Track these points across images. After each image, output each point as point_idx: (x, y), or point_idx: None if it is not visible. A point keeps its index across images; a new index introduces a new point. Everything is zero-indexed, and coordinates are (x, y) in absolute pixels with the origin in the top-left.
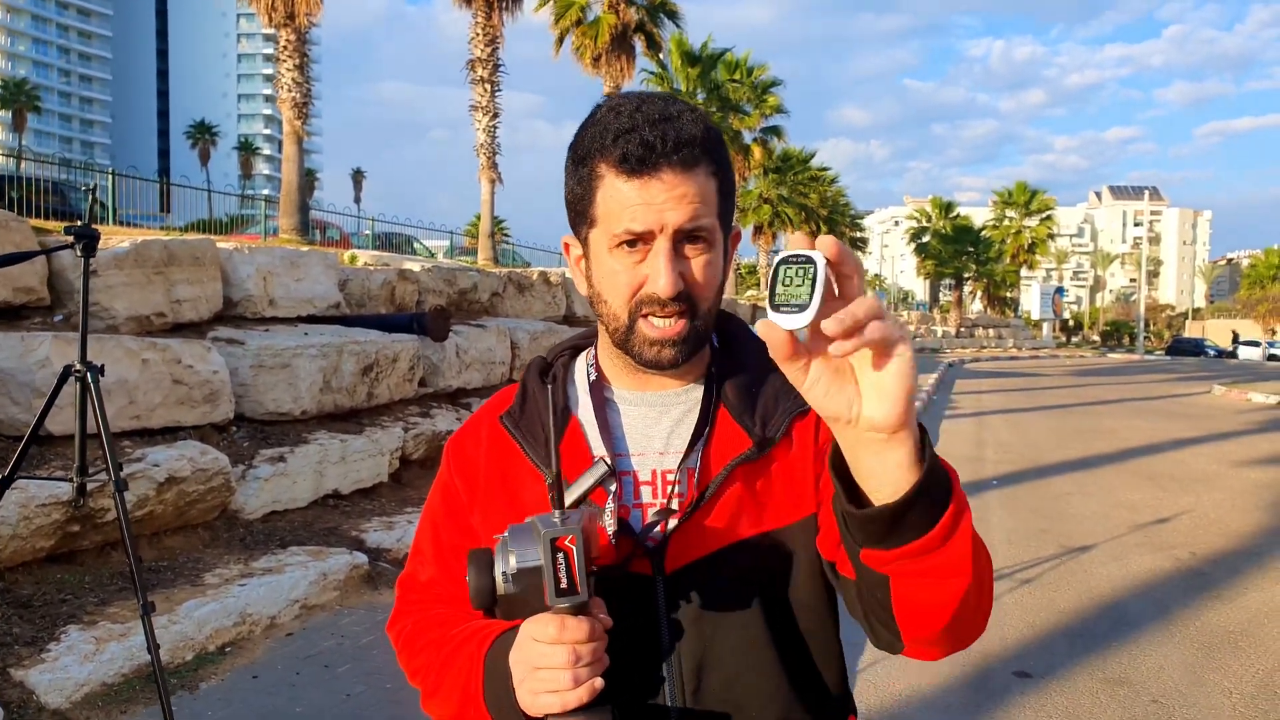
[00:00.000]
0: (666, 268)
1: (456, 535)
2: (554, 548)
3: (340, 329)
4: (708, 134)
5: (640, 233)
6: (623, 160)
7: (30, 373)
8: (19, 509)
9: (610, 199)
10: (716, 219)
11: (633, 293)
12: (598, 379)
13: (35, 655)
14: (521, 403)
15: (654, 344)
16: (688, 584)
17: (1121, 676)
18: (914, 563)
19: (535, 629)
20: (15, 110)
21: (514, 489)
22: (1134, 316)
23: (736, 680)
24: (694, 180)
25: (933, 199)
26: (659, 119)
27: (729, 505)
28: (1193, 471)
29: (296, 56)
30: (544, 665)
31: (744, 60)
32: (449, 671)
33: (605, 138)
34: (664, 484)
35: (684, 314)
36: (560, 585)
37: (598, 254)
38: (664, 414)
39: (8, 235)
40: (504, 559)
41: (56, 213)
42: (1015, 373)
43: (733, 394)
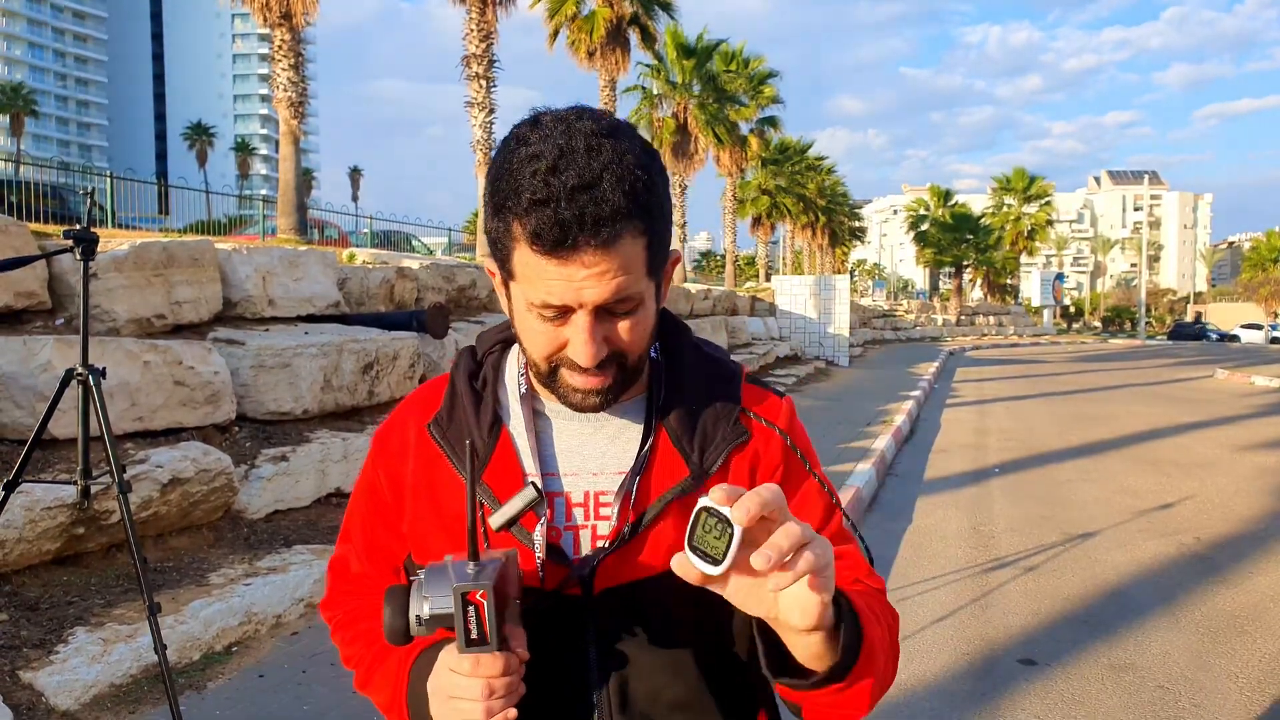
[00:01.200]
0: (587, 341)
1: (384, 534)
2: (465, 601)
3: (340, 328)
4: (634, 191)
5: (558, 307)
6: (535, 238)
7: (32, 376)
8: (24, 512)
9: (526, 267)
10: (646, 277)
11: (553, 351)
12: (529, 390)
13: (43, 657)
14: (450, 409)
15: (578, 391)
16: (616, 605)
17: (1127, 662)
18: (822, 699)
19: (451, 660)
20: (12, 115)
21: (440, 502)
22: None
23: (660, 692)
24: (617, 255)
25: (931, 187)
26: (577, 186)
27: (662, 535)
28: (1196, 456)
29: (292, 56)
30: (458, 695)
31: (739, 51)
32: (378, 669)
33: (520, 199)
34: (597, 506)
35: (608, 371)
36: (470, 636)
37: (517, 305)
38: (599, 430)
39: (7, 240)
40: (419, 603)
41: (55, 216)
42: (1016, 360)
43: (673, 416)
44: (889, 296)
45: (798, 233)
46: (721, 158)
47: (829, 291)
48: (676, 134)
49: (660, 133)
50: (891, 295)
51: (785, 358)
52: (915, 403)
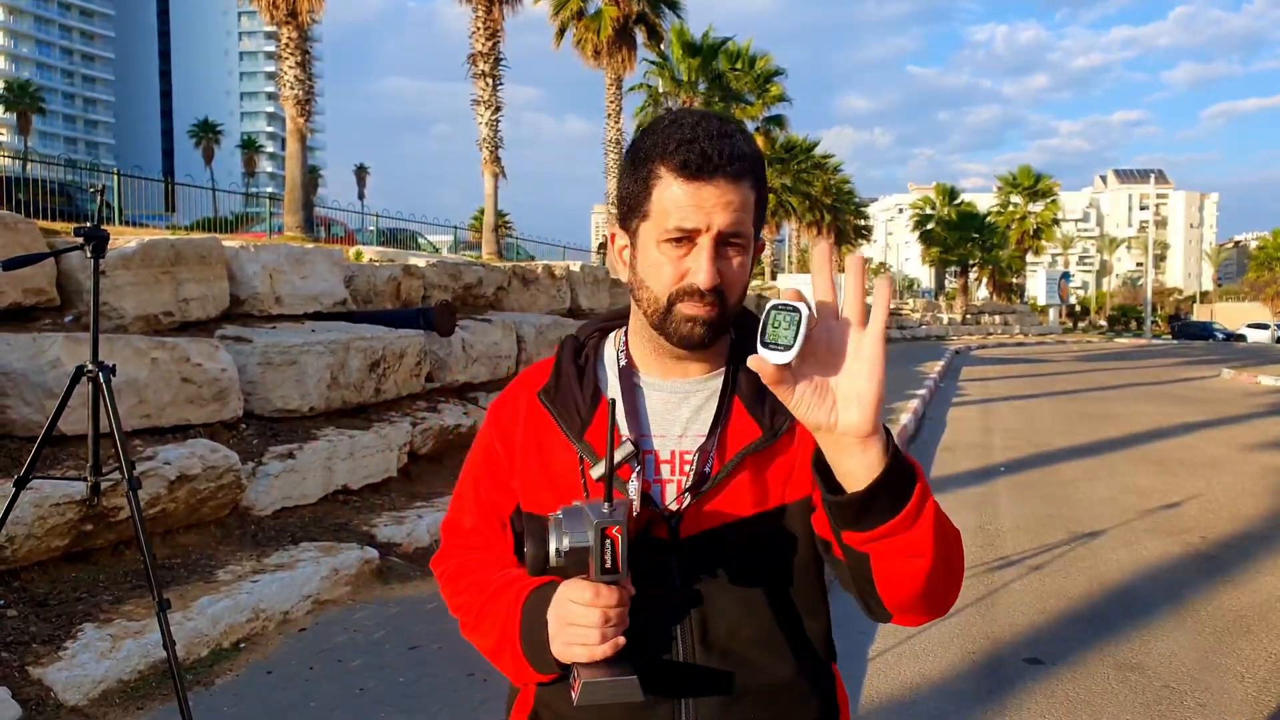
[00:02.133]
0: (708, 264)
1: (495, 492)
2: (603, 535)
3: (347, 325)
4: (755, 155)
5: (689, 230)
6: (683, 166)
7: (42, 373)
8: (34, 509)
9: (665, 198)
10: (752, 227)
11: (675, 281)
12: (628, 364)
13: (52, 653)
14: (556, 380)
15: (689, 320)
16: (699, 550)
17: (1133, 662)
18: (886, 543)
19: (573, 591)
20: (20, 112)
21: (548, 459)
22: (1141, 301)
23: (738, 630)
24: (740, 191)
25: (936, 185)
26: (717, 135)
27: (738, 486)
28: (1202, 456)
29: (298, 54)
30: (577, 623)
31: (745, 49)
32: (488, 611)
33: (668, 144)
34: (681, 463)
35: (716, 304)
36: (605, 566)
37: (645, 245)
38: (685, 400)
39: (16, 237)
40: (558, 537)
41: (63, 214)
42: (1022, 359)
43: (747, 386)
44: (894, 295)
45: (803, 231)
46: None
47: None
48: None
49: None
50: (897, 294)
51: None
52: (921, 401)
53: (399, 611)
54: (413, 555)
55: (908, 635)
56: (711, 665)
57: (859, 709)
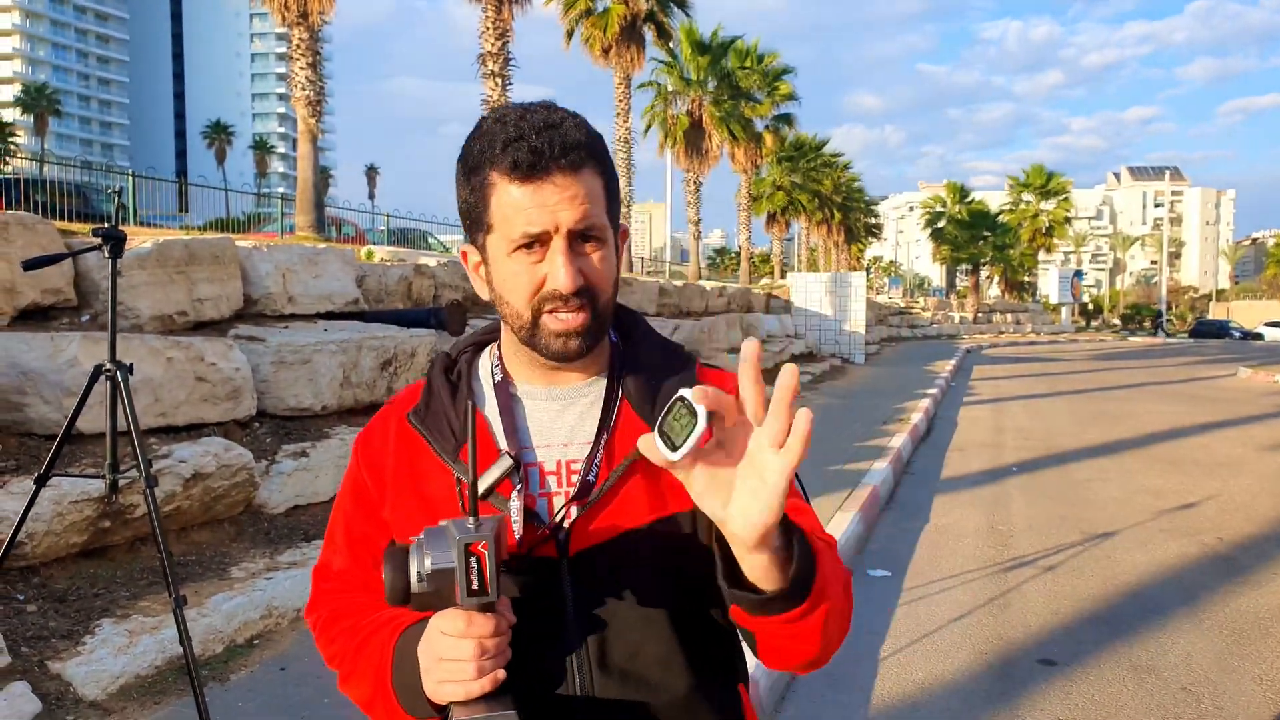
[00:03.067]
0: (566, 265)
1: (366, 527)
2: (467, 552)
3: (359, 325)
4: (591, 138)
5: (537, 234)
6: (514, 167)
7: (60, 372)
8: (53, 506)
9: (504, 205)
10: (606, 218)
11: (534, 291)
12: (503, 378)
13: (71, 648)
14: (427, 401)
15: (559, 336)
16: (591, 564)
17: (1149, 664)
18: (775, 629)
19: (443, 623)
20: (36, 114)
21: (421, 484)
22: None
23: (638, 651)
24: (582, 182)
25: (948, 184)
26: (544, 126)
27: (631, 492)
28: (1218, 456)
29: (309, 54)
30: (450, 657)
31: (754, 48)
32: (361, 657)
33: (494, 147)
34: (568, 473)
35: (584, 307)
36: (471, 587)
37: (496, 258)
38: (568, 407)
39: (34, 238)
40: (419, 560)
41: (79, 214)
42: (1034, 358)
43: (634, 387)
44: (905, 294)
45: (813, 229)
46: (736, 154)
47: (845, 289)
48: (691, 131)
49: (674, 129)
50: (908, 292)
51: (800, 355)
52: (932, 401)
53: None
54: None
55: (920, 636)
56: (610, 690)
57: (870, 709)
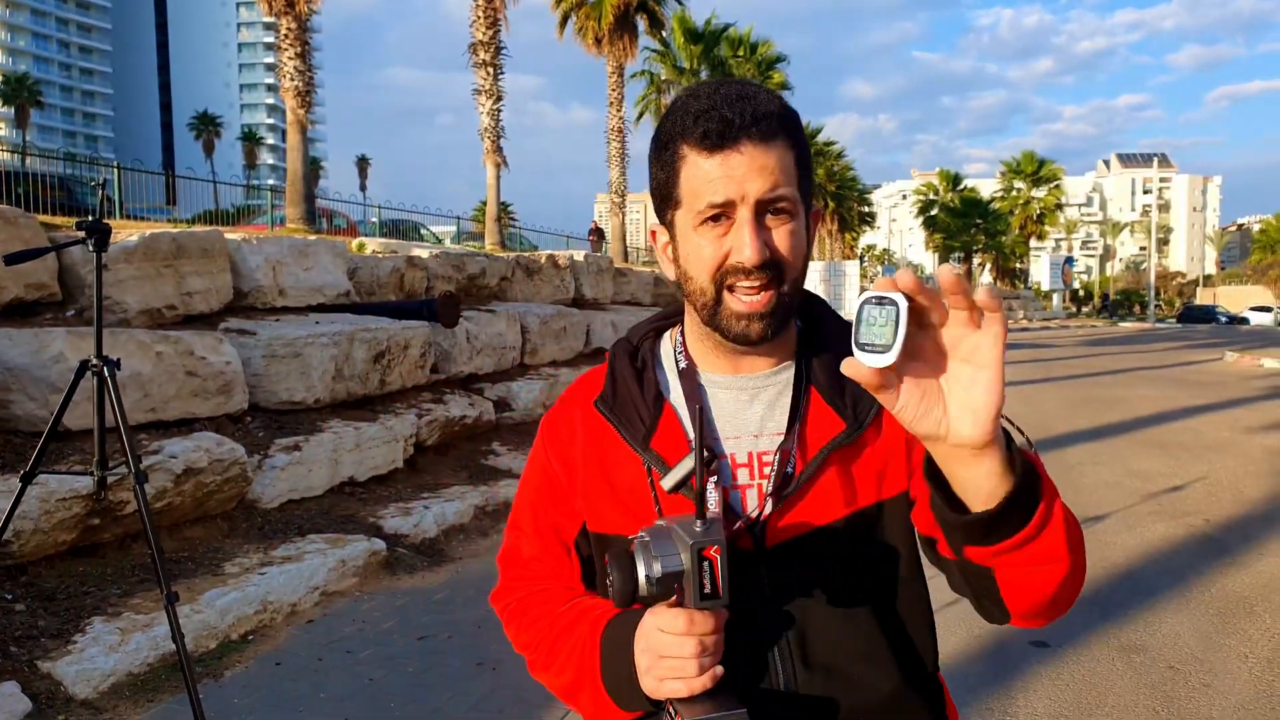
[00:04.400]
0: (750, 235)
1: (556, 514)
2: (700, 556)
3: (351, 317)
4: (784, 110)
5: (722, 204)
6: (704, 137)
7: (45, 368)
8: (40, 504)
9: (693, 177)
10: (797, 191)
11: (718, 265)
12: (688, 365)
13: (61, 647)
14: (613, 387)
15: (741, 318)
16: (788, 558)
17: (1138, 644)
18: (1014, 555)
19: (664, 620)
20: (18, 106)
21: (612, 473)
22: (1144, 285)
23: (839, 646)
24: (773, 152)
25: (940, 171)
26: (736, 98)
27: (825, 485)
28: (1205, 439)
29: (298, 44)
30: (671, 654)
31: (747, 36)
32: (561, 647)
33: (686, 120)
34: (760, 465)
35: (770, 284)
36: (704, 591)
37: (683, 233)
38: (756, 397)
39: (17, 232)
40: (647, 563)
41: (62, 207)
42: (1025, 344)
43: (822, 375)
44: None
45: None
46: None
47: (839, 277)
48: None
49: None
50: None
51: None
52: None
53: (407, 602)
54: (420, 546)
55: None
56: (814, 687)
57: None
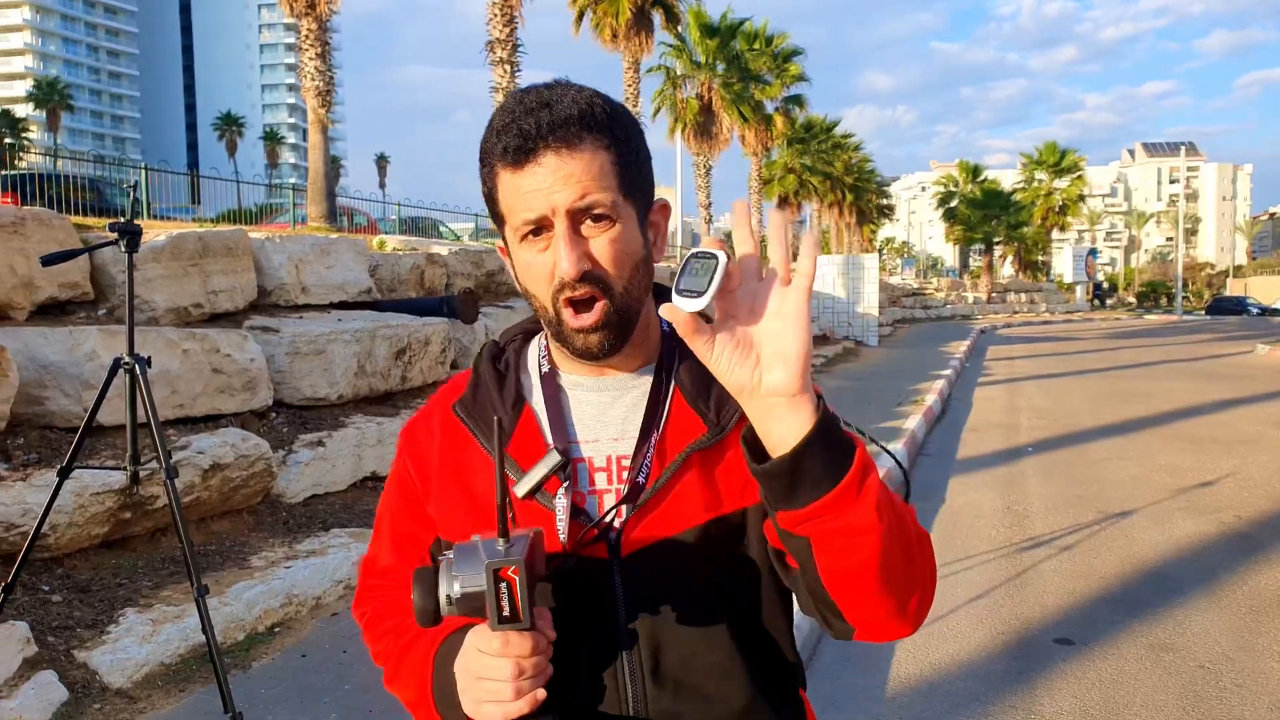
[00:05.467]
0: (565, 249)
1: (412, 523)
2: (497, 577)
3: (372, 314)
4: (591, 110)
5: (535, 220)
6: (504, 153)
7: (79, 365)
8: (75, 498)
9: (507, 194)
10: (618, 193)
11: (549, 281)
12: (550, 369)
13: (96, 637)
14: (474, 391)
15: (578, 333)
16: (643, 566)
17: (1167, 642)
18: (825, 524)
19: (480, 640)
20: (49, 109)
21: (467, 479)
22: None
23: (693, 658)
24: (578, 158)
25: (960, 163)
26: (536, 106)
27: (684, 490)
28: (1237, 433)
29: (318, 45)
30: (487, 676)
31: (763, 29)
32: (405, 662)
33: (492, 136)
34: (619, 470)
35: (598, 297)
36: (503, 614)
37: (514, 250)
38: (618, 399)
39: (51, 233)
40: (448, 582)
41: (93, 209)
42: (1049, 337)
43: (687, 378)
44: (918, 275)
45: (825, 212)
46: (746, 137)
47: (857, 270)
48: (701, 114)
49: (684, 114)
50: (921, 273)
51: (813, 338)
52: (946, 382)
53: None
54: None
55: (936, 616)
56: (663, 703)
57: (887, 689)
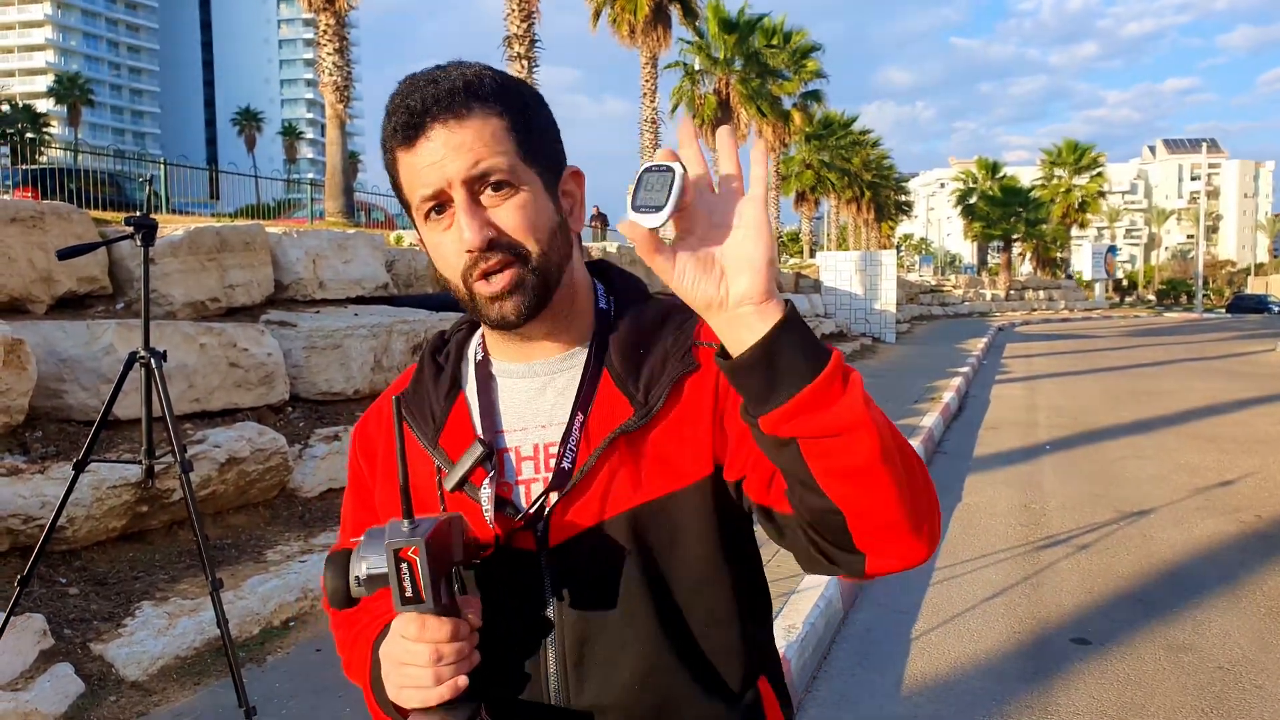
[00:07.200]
0: (466, 218)
1: (364, 514)
2: (397, 558)
3: (389, 309)
4: (479, 80)
5: (433, 194)
6: (395, 133)
7: (96, 359)
8: (92, 491)
9: (405, 175)
10: (517, 159)
11: (458, 257)
12: (484, 357)
13: (112, 630)
14: (416, 383)
15: (492, 300)
16: (571, 556)
17: (1185, 643)
18: (811, 420)
19: (401, 625)
20: (70, 104)
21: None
22: (1191, 274)
23: (620, 650)
24: (468, 127)
25: (979, 159)
26: (424, 82)
27: (611, 475)
28: (1256, 433)
29: (336, 40)
30: (407, 662)
31: (780, 25)
32: (355, 651)
33: (387, 121)
34: (546, 458)
35: (508, 264)
36: (405, 594)
37: (423, 233)
38: (548, 384)
39: (69, 227)
40: (357, 563)
41: (112, 203)
42: (1067, 335)
43: (618, 359)
44: (936, 271)
45: (842, 208)
46: (764, 133)
47: (875, 267)
48: (718, 110)
49: (702, 109)
50: (939, 270)
51: (830, 335)
52: (964, 379)
53: None
54: None
55: (952, 615)
56: (585, 695)
57: (902, 688)
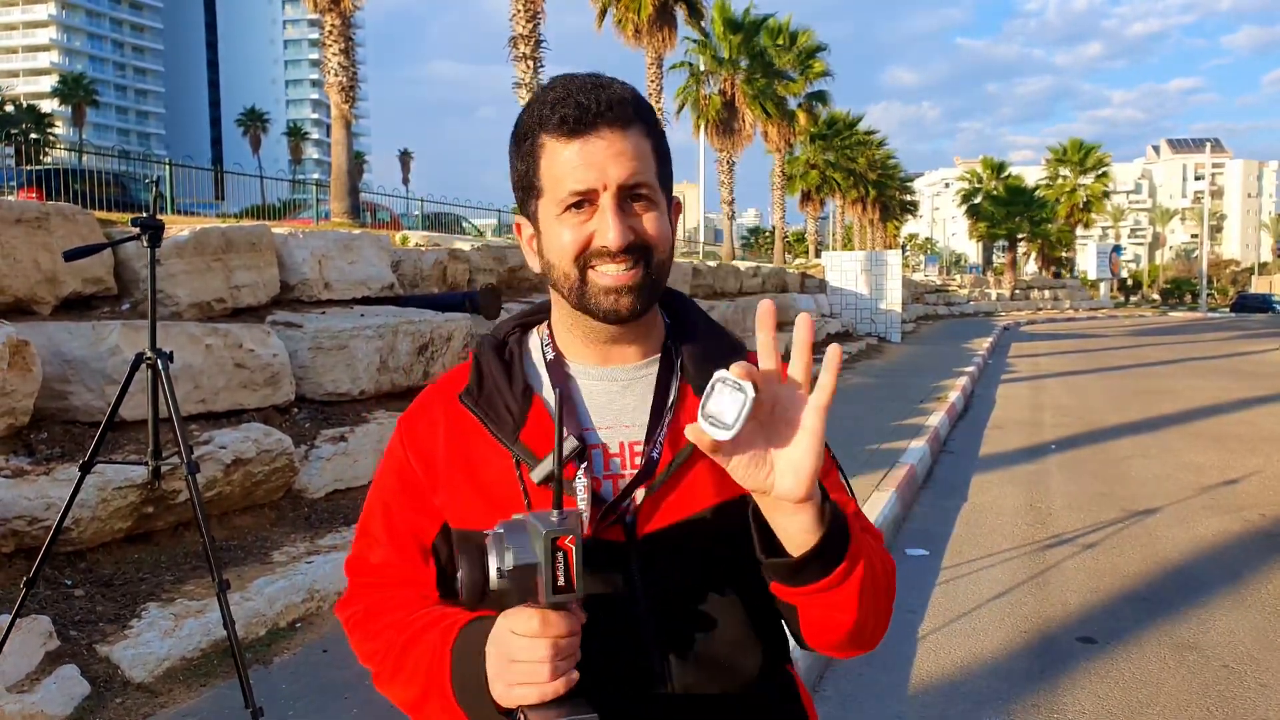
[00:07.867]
0: (614, 219)
1: (413, 516)
2: (554, 547)
3: (395, 309)
4: (638, 99)
5: (585, 191)
6: (560, 123)
7: (101, 360)
8: (97, 492)
9: (553, 165)
10: (655, 180)
11: (580, 249)
12: (556, 356)
13: (119, 632)
14: (479, 381)
15: (609, 292)
16: (659, 547)
17: (1190, 642)
18: (814, 599)
19: (516, 623)
20: (74, 105)
21: (477, 469)
22: (1195, 273)
23: (710, 633)
24: (630, 138)
25: (984, 159)
26: (591, 86)
27: (697, 473)
28: (1262, 431)
29: (342, 40)
30: (523, 658)
31: (786, 25)
32: (409, 656)
33: (543, 110)
34: (633, 456)
35: (636, 264)
36: (558, 583)
37: (547, 223)
38: (627, 388)
39: (75, 228)
40: (499, 555)
41: (118, 204)
42: (1072, 334)
43: (692, 366)
44: (941, 271)
45: (848, 208)
46: (770, 133)
47: (880, 267)
48: (723, 110)
49: (707, 110)
50: (944, 270)
51: (836, 334)
52: (969, 379)
53: None
54: None
55: (958, 614)
56: (686, 676)
57: (909, 688)
